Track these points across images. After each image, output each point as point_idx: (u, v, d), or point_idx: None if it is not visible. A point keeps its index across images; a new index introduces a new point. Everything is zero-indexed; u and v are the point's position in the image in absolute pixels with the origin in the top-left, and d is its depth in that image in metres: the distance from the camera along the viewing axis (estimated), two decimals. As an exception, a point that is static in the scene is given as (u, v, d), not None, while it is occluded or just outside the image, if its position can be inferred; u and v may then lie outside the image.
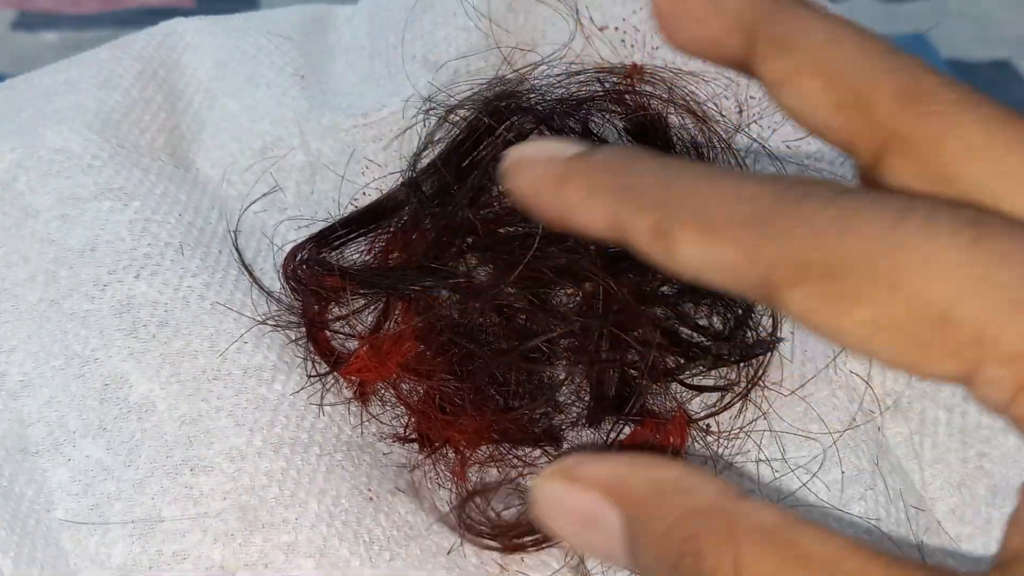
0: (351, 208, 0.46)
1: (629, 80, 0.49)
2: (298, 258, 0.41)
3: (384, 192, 0.45)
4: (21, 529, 0.35)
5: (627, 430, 0.40)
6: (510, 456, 0.39)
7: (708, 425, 0.41)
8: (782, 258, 0.20)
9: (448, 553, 0.37)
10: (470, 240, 0.44)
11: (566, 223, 0.24)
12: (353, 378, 0.39)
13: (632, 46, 0.52)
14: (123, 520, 0.35)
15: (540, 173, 0.24)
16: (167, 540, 0.35)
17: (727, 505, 0.22)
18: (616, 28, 0.52)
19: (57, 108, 0.45)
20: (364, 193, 0.47)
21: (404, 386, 0.40)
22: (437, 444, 0.39)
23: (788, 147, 0.48)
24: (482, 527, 0.37)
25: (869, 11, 1.08)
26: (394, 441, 0.39)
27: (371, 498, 0.37)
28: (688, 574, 0.22)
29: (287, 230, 0.45)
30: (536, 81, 0.47)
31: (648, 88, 0.48)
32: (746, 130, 0.48)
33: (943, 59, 1.02)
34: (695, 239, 0.21)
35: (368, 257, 0.44)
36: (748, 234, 0.21)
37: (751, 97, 0.50)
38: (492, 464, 0.39)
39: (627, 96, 0.47)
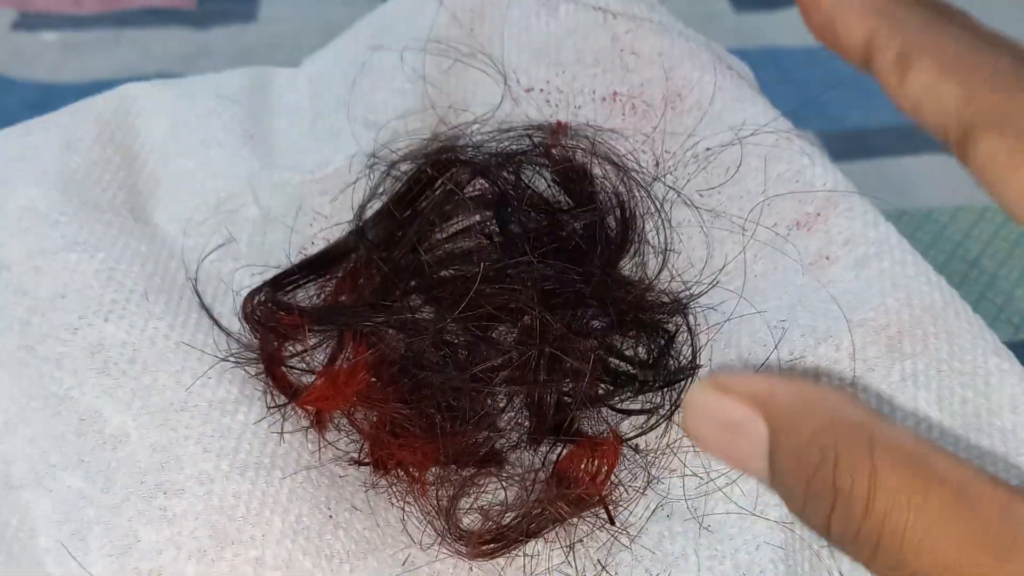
0: (301, 256, 0.50)
1: (555, 136, 0.54)
2: (256, 299, 0.45)
3: (332, 241, 0.49)
4: (7, 552, 0.39)
5: (564, 451, 0.44)
6: (457, 476, 0.43)
7: (637, 445, 0.45)
8: (993, 109, 0.23)
9: (403, 564, 0.40)
10: (413, 282, 0.48)
11: (828, 31, 0.28)
12: (310, 408, 0.43)
13: (556, 106, 0.57)
14: (102, 542, 0.38)
15: None
16: (144, 558, 0.38)
17: (868, 422, 0.23)
18: (541, 89, 0.57)
19: (24, 170, 0.49)
20: (312, 242, 0.51)
21: (358, 414, 0.44)
22: (389, 467, 0.43)
23: (700, 195, 0.53)
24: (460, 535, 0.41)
25: None
26: (350, 464, 0.43)
27: (330, 516, 0.41)
28: (822, 485, 0.23)
29: (242, 277, 0.49)
30: (471, 137, 0.52)
31: (573, 143, 0.53)
32: (663, 180, 0.53)
33: None
34: (930, 70, 0.25)
35: (318, 300, 0.48)
36: (977, 79, 0.24)
37: (666, 152, 0.55)
38: (443, 484, 0.43)
39: (554, 150, 0.52)
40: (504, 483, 0.43)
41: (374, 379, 0.43)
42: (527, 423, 0.45)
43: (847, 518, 0.23)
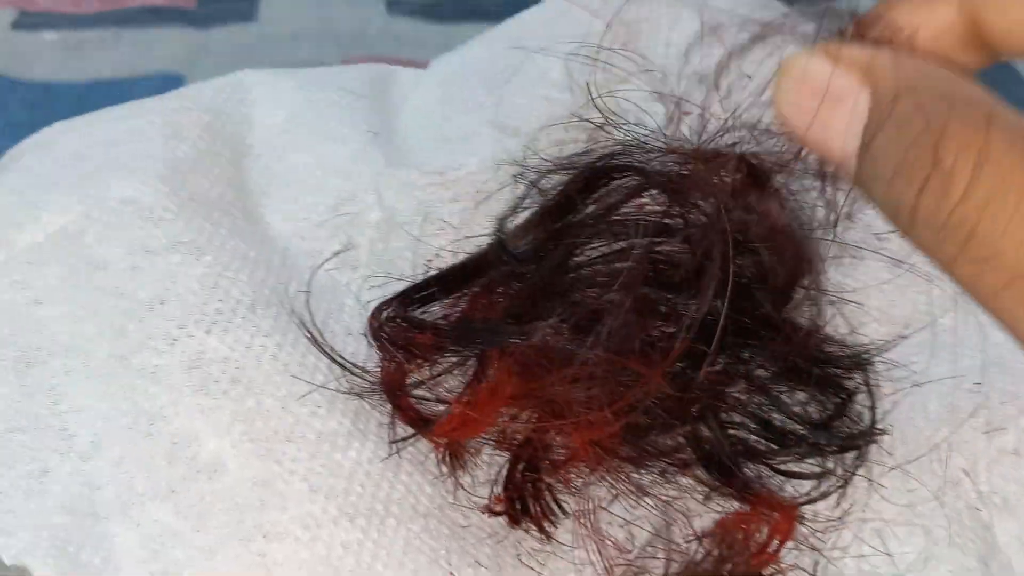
0: (425, 269, 0.46)
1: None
2: (384, 314, 0.41)
3: (463, 254, 0.45)
4: None
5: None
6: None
7: (803, 515, 0.40)
8: None
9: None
10: (553, 304, 0.43)
11: (911, 34, 0.26)
12: (441, 441, 0.39)
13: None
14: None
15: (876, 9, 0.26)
16: (238, 611, 0.34)
17: (989, 101, 0.22)
18: (699, 114, 0.52)
19: (123, 157, 0.45)
20: (438, 255, 0.47)
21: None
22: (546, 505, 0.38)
23: (878, 239, 0.47)
24: None
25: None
26: (483, 513, 0.39)
27: (450, 572, 0.36)
28: (920, 155, 0.22)
29: (360, 289, 0.45)
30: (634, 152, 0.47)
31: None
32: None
33: None
34: None
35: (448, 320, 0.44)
36: None
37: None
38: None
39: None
40: (658, 546, 0.38)
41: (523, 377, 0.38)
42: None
43: (942, 196, 0.21)
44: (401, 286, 0.44)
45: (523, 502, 0.39)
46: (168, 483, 0.36)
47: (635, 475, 0.39)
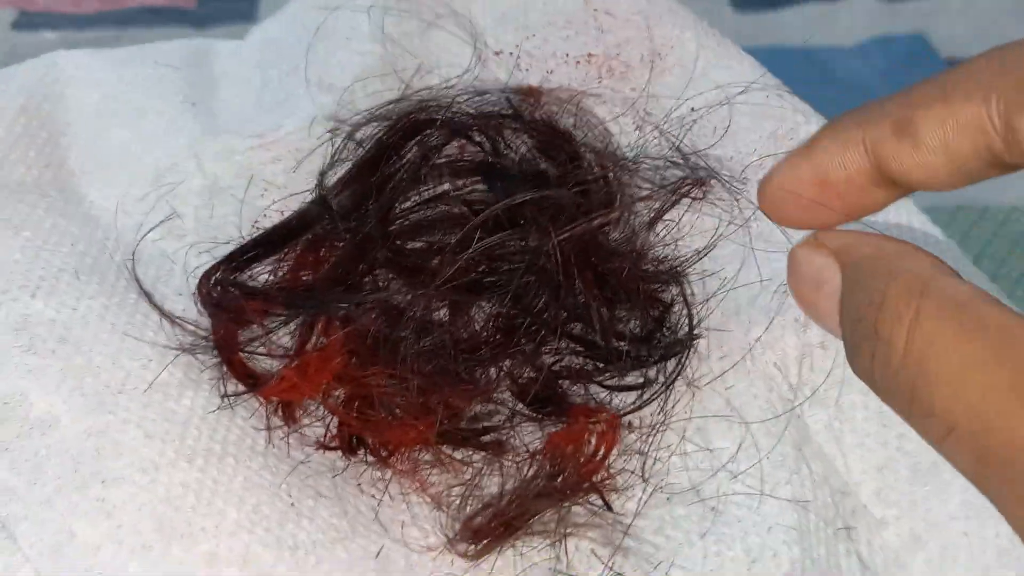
0: (255, 230, 0.47)
1: (528, 99, 0.51)
2: (212, 280, 0.42)
3: (291, 212, 0.46)
4: None
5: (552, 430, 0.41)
6: (450, 459, 0.40)
7: (630, 423, 0.42)
8: (1008, 90, 0.23)
9: (377, 556, 0.37)
10: (379, 256, 0.45)
11: (824, 181, 0.28)
12: (273, 398, 0.40)
13: (527, 70, 0.54)
14: (32, 539, 0.34)
15: (789, 157, 0.28)
16: (80, 555, 0.34)
17: (928, 273, 0.24)
18: (511, 53, 0.54)
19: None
20: (265, 215, 0.48)
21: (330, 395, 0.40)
22: (378, 449, 0.39)
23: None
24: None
25: (869, 11, 1.12)
26: (317, 449, 0.40)
27: (292, 504, 0.37)
28: (868, 328, 0.24)
29: (188, 256, 0.46)
30: (443, 99, 0.49)
31: (552, 107, 0.50)
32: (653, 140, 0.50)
33: (943, 59, 1.06)
34: (933, 112, 0.25)
35: (273, 277, 0.45)
36: (977, 86, 0.24)
37: (648, 114, 0.52)
38: (435, 466, 0.40)
39: (532, 113, 0.49)
40: (492, 468, 0.40)
41: (351, 357, 0.40)
42: (511, 402, 0.42)
43: (886, 363, 0.23)
44: (230, 250, 0.45)
45: (357, 434, 0.40)
46: (2, 442, 0.37)
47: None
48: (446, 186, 0.48)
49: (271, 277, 0.45)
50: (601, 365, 0.43)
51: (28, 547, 0.35)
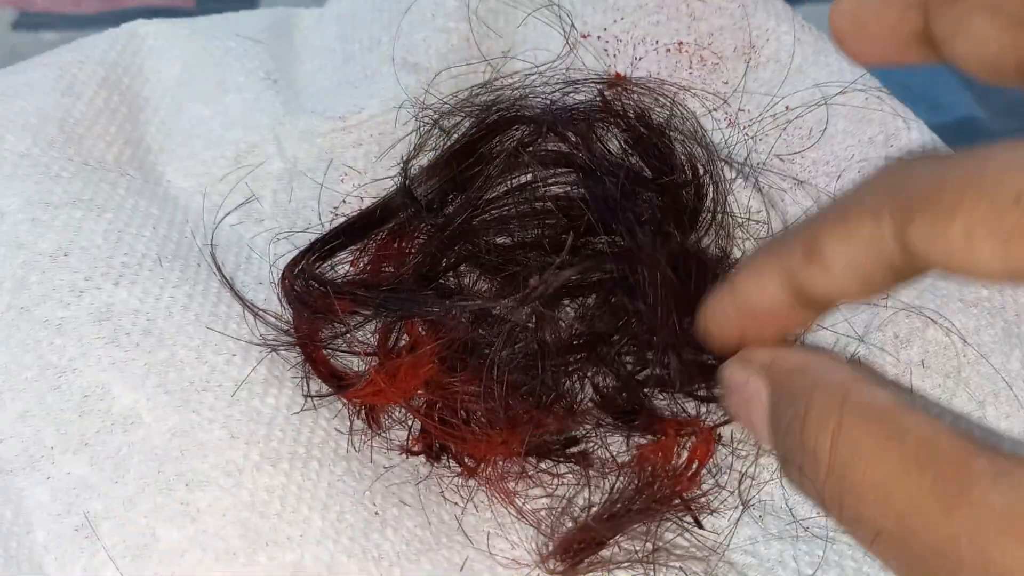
0: (332, 216, 0.46)
1: (614, 89, 0.50)
2: (296, 271, 0.41)
3: (372, 199, 0.45)
4: (4, 552, 0.34)
5: (639, 442, 0.40)
6: (537, 471, 0.39)
7: (720, 435, 0.41)
8: (896, 209, 0.24)
9: (461, 568, 0.36)
10: (464, 251, 0.44)
11: (751, 313, 0.29)
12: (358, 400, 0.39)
13: (615, 55, 0.53)
14: (113, 540, 0.34)
15: (716, 294, 0.30)
16: (163, 561, 0.34)
17: (848, 383, 0.25)
18: (598, 37, 0.53)
19: (19, 111, 0.44)
20: (344, 201, 0.47)
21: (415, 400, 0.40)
22: (461, 456, 0.39)
23: (781, 160, 0.49)
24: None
25: None
26: (401, 454, 0.39)
27: (376, 512, 0.37)
28: (794, 442, 0.25)
29: (264, 242, 0.45)
30: (530, 88, 0.48)
31: (645, 100, 0.49)
32: (746, 139, 0.49)
33: None
34: (835, 235, 0.26)
35: (352, 268, 0.44)
36: (869, 207, 0.25)
37: (741, 110, 0.51)
38: (522, 478, 0.39)
39: (623, 104, 0.48)
40: (581, 480, 0.39)
41: (441, 367, 0.39)
42: (596, 412, 0.41)
43: (814, 475, 0.24)
44: (308, 237, 0.45)
45: (440, 440, 0.40)
46: (81, 436, 0.36)
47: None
48: (529, 176, 0.46)
49: (351, 267, 0.44)
50: (688, 377, 0.42)
51: (111, 547, 0.34)
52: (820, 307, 0.28)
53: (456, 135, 0.46)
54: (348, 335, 0.41)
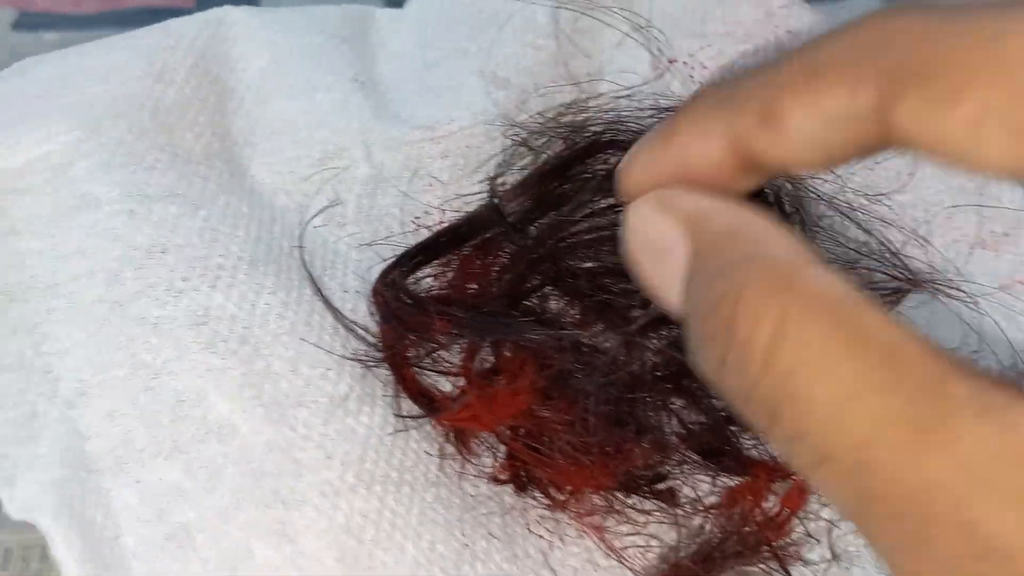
0: (414, 227, 0.45)
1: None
2: (387, 287, 0.40)
3: (462, 214, 0.45)
4: (96, 556, 0.34)
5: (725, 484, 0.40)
6: (625, 506, 0.39)
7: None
8: (880, 79, 0.20)
9: (551, 607, 0.36)
10: (549, 273, 0.43)
11: (685, 172, 0.24)
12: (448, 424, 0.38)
13: (700, 83, 0.52)
14: (207, 553, 0.33)
15: (648, 143, 0.25)
16: (258, 578, 0.33)
17: (797, 262, 0.20)
18: (684, 62, 0.52)
19: (111, 95, 0.43)
20: (427, 212, 0.46)
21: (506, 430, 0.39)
22: (546, 487, 0.38)
23: (867, 199, 0.49)
24: None
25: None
26: (489, 482, 0.39)
27: (466, 544, 0.36)
28: (719, 324, 0.20)
29: (347, 248, 0.44)
30: (622, 112, 0.47)
31: None
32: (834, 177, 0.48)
33: None
34: (800, 102, 0.21)
35: (436, 283, 0.43)
36: (846, 72, 0.21)
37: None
38: (610, 513, 0.38)
39: None
40: (669, 519, 0.39)
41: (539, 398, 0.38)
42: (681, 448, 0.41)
43: (741, 370, 0.20)
44: (391, 245, 0.44)
45: (527, 470, 0.39)
46: (173, 441, 0.36)
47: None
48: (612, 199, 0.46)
49: (434, 281, 0.44)
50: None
51: (205, 559, 0.34)
52: (769, 174, 0.24)
53: (546, 155, 0.46)
54: (435, 353, 0.40)
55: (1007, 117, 0.18)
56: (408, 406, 0.39)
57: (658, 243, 0.23)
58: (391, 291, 0.40)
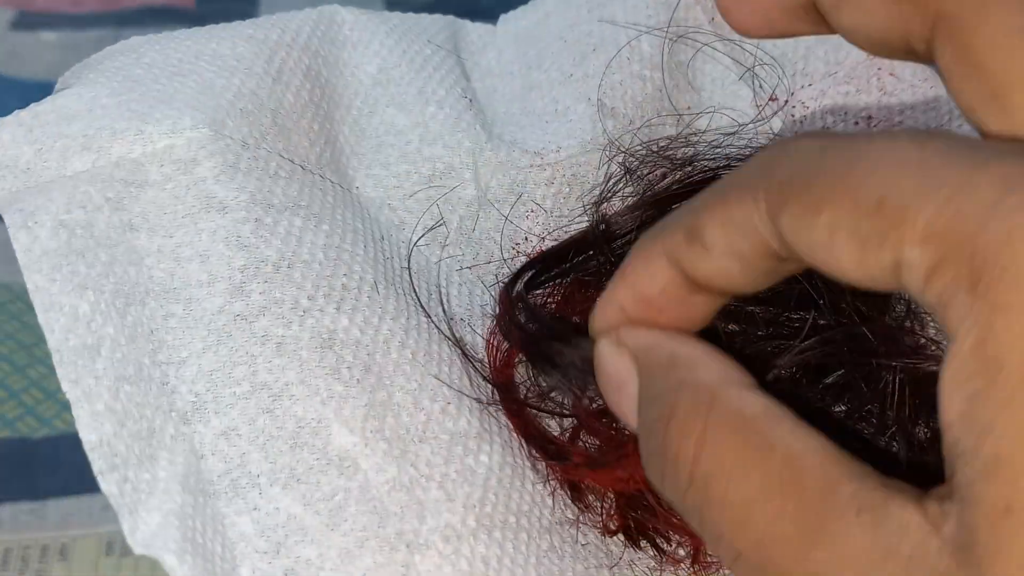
0: (513, 253, 0.45)
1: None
2: (512, 296, 0.40)
3: (563, 239, 0.44)
4: None
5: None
6: None
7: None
8: (770, 191, 0.23)
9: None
10: None
11: (640, 300, 0.28)
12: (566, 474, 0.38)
13: (801, 122, 0.52)
14: (330, 595, 0.33)
15: (609, 284, 0.29)
16: (384, 624, 0.33)
17: (719, 388, 0.23)
18: (786, 101, 0.52)
19: (235, 92, 0.41)
20: (526, 238, 0.45)
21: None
22: (655, 539, 0.38)
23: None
24: None
25: None
26: (602, 533, 0.38)
27: (579, 597, 0.36)
28: (655, 438, 0.24)
29: (448, 269, 0.44)
30: (728, 146, 0.47)
31: None
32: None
33: None
34: (714, 216, 0.25)
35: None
36: (747, 187, 0.24)
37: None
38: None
39: None
40: None
41: None
42: None
43: (675, 482, 0.23)
44: (491, 269, 0.43)
45: (637, 521, 0.39)
46: (292, 470, 0.34)
47: None
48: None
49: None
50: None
51: (323, 601, 0.33)
52: (715, 295, 0.27)
53: (653, 185, 0.45)
54: (551, 392, 0.40)
55: (853, 227, 0.21)
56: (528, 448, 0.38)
57: (616, 376, 0.27)
58: (517, 309, 0.40)
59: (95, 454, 0.33)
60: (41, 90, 0.87)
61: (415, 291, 0.41)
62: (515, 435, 0.38)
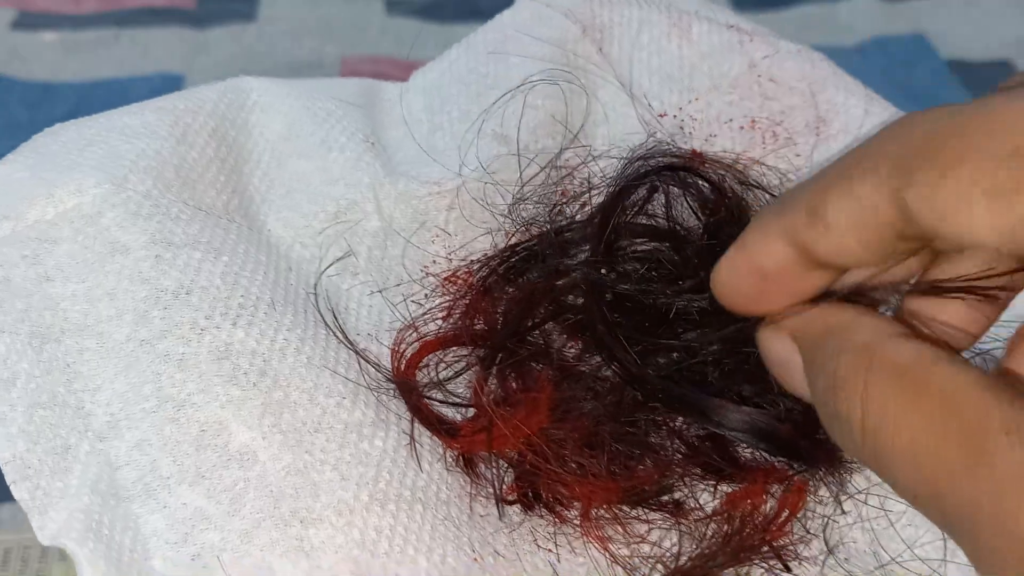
0: (422, 274, 0.47)
1: (693, 164, 0.51)
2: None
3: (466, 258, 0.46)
4: None
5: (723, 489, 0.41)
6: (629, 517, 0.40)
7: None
8: (896, 165, 0.24)
9: (557, 618, 0.37)
10: (548, 309, 0.45)
11: (758, 272, 0.29)
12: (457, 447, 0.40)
13: (690, 133, 0.54)
14: (232, 572, 0.35)
15: (728, 253, 0.30)
16: (278, 593, 0.34)
17: (873, 343, 0.24)
18: (675, 116, 0.54)
19: (137, 152, 0.45)
20: (434, 261, 0.48)
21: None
22: (553, 503, 0.39)
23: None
24: None
25: (869, 11, 1.12)
26: (499, 503, 0.40)
27: (475, 559, 0.37)
28: (831, 407, 0.25)
29: (360, 294, 0.46)
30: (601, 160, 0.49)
31: (720, 171, 0.50)
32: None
33: (943, 59, 1.05)
34: (836, 194, 0.25)
35: (443, 322, 0.45)
36: (871, 163, 0.24)
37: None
38: (613, 523, 0.39)
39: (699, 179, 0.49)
40: (671, 526, 0.40)
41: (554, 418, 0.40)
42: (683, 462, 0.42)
43: (851, 443, 0.24)
44: (401, 291, 0.46)
45: (534, 490, 0.40)
46: (197, 469, 0.37)
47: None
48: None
49: (442, 322, 0.45)
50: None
51: (227, 577, 0.35)
52: (830, 270, 0.27)
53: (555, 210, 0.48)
54: (449, 381, 0.42)
55: (986, 182, 0.21)
56: (420, 431, 0.40)
57: (780, 357, 0.28)
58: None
59: (8, 467, 0.36)
60: (41, 90, 0.91)
61: (317, 308, 0.43)
62: (415, 423, 0.40)
